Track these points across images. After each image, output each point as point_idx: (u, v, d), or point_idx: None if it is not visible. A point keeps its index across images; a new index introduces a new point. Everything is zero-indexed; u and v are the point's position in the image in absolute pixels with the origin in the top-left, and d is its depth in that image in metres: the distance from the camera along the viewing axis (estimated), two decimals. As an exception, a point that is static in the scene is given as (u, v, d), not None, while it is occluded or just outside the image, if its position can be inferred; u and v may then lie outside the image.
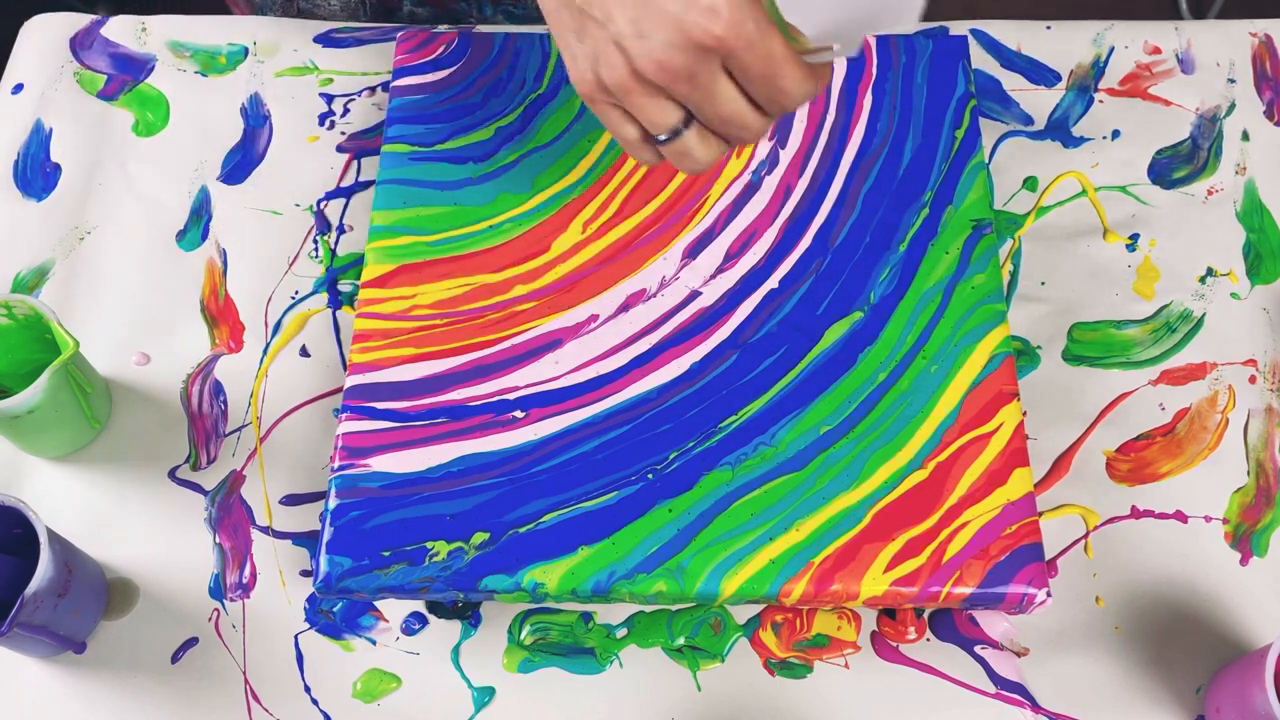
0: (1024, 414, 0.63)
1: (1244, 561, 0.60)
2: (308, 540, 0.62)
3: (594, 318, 0.61)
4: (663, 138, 0.49)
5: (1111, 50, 0.76)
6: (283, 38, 0.77)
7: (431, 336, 0.61)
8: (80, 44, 0.78)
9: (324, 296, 0.69)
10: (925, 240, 0.63)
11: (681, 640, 0.59)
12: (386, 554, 0.55)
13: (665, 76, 0.46)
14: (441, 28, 0.73)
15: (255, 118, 0.75)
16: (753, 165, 0.66)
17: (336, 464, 0.58)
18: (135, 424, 0.65)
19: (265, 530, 0.62)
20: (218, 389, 0.66)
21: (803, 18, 0.47)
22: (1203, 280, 0.68)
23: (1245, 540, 0.61)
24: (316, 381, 0.66)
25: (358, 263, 0.69)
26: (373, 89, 0.75)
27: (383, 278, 0.63)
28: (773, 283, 0.62)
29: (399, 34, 0.71)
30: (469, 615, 0.60)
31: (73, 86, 0.76)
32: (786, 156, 0.66)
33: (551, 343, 0.61)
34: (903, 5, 0.46)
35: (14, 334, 0.63)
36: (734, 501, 0.56)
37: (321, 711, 0.58)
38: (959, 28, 0.75)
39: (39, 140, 0.74)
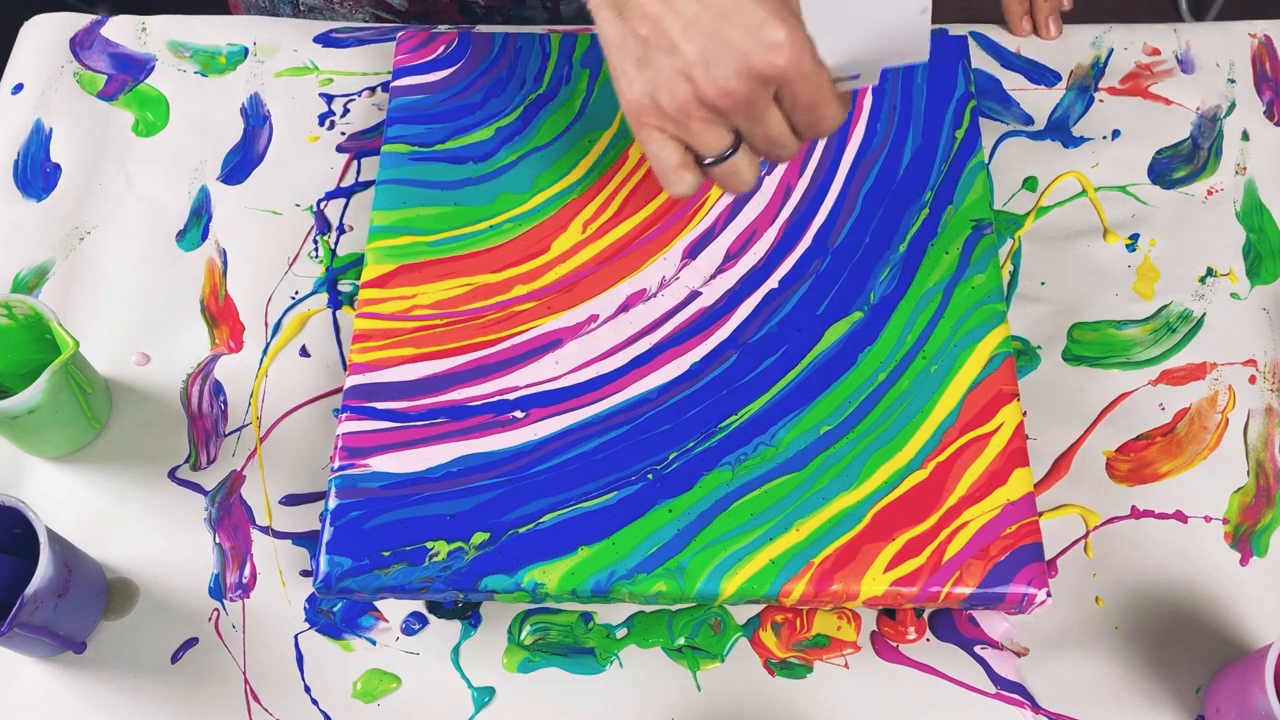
0: (1024, 414, 0.63)
1: (1244, 561, 0.60)
2: (308, 540, 0.62)
3: (594, 318, 0.61)
4: (710, 160, 0.53)
5: (1111, 52, 0.76)
6: (282, 38, 0.78)
7: (431, 336, 0.61)
8: (80, 44, 0.78)
9: (324, 296, 0.69)
10: (925, 240, 0.63)
11: (681, 640, 0.59)
12: (386, 554, 0.55)
13: (728, 103, 0.50)
14: (441, 28, 0.73)
15: (255, 118, 0.75)
16: (753, 165, 0.66)
17: (336, 464, 0.58)
18: (135, 424, 0.65)
19: (265, 530, 0.62)
20: (218, 389, 0.66)
21: (824, 50, 0.51)
22: (1203, 280, 0.68)
23: (1245, 540, 0.61)
24: (316, 381, 0.66)
25: (358, 263, 0.69)
26: (373, 89, 0.75)
27: (383, 278, 0.63)
28: (773, 283, 0.62)
29: (399, 34, 0.71)
30: (469, 615, 0.60)
31: (73, 86, 0.76)
32: (786, 156, 0.66)
33: (551, 343, 0.61)
34: (913, 42, 0.52)
35: (14, 334, 0.63)
36: (734, 501, 0.56)
37: (321, 711, 0.58)
38: (959, 29, 0.75)
39: (39, 140, 0.74)
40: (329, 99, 0.75)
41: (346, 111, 0.75)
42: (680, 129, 0.52)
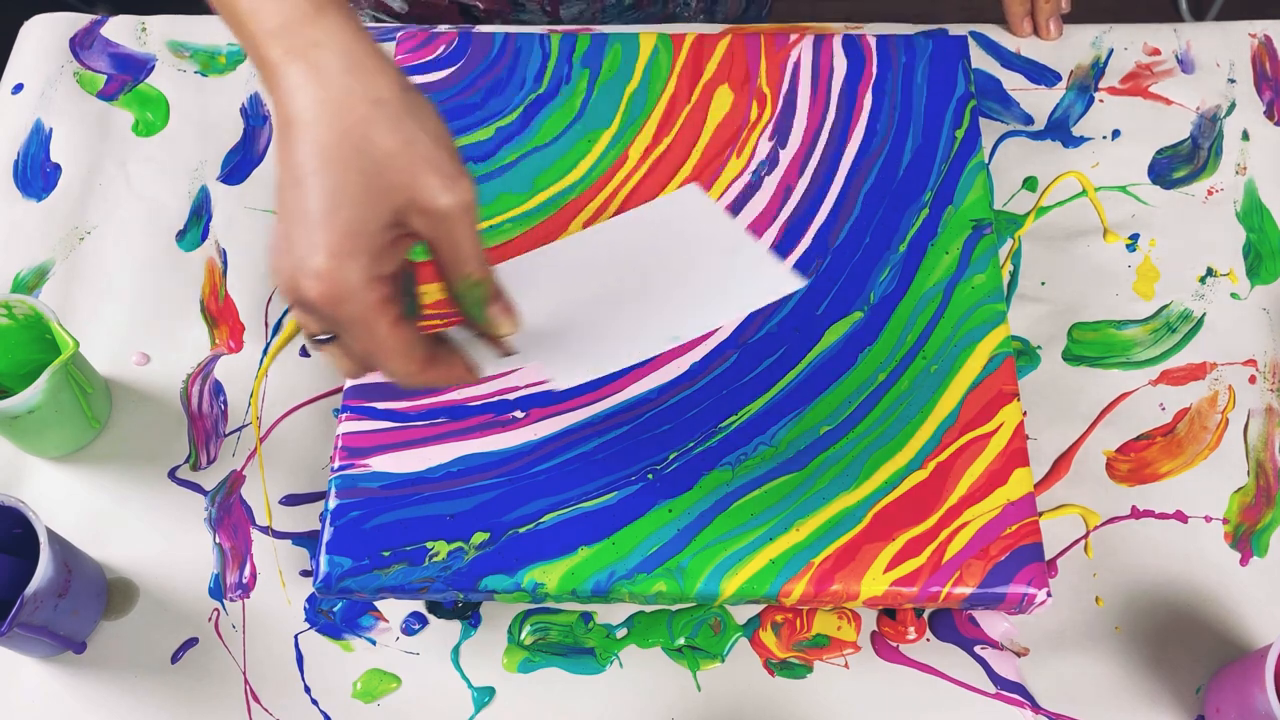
0: (1024, 414, 0.63)
1: (1244, 561, 0.60)
2: (308, 540, 0.62)
3: (594, 318, 0.61)
4: (318, 337, 0.48)
5: (1111, 51, 0.76)
6: (283, 38, 0.77)
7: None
8: (80, 44, 0.78)
9: (324, 296, 0.69)
10: (925, 240, 0.63)
11: (681, 640, 0.59)
12: (386, 554, 0.55)
13: (289, 299, 0.44)
14: (442, 28, 0.73)
15: (255, 118, 0.75)
16: (752, 165, 0.66)
17: (336, 464, 0.58)
18: (135, 424, 0.65)
19: (265, 530, 0.62)
20: (218, 389, 0.66)
21: (530, 309, 0.48)
22: (1203, 280, 0.68)
23: (1245, 540, 0.61)
24: (316, 381, 0.66)
25: (358, 263, 0.69)
26: (373, 89, 0.75)
27: (383, 278, 0.62)
28: (773, 283, 0.62)
29: (399, 34, 0.71)
30: (469, 615, 0.60)
31: (73, 86, 0.76)
32: (786, 156, 0.66)
33: (551, 343, 0.61)
34: (775, 281, 0.51)
35: (14, 334, 0.63)
36: (734, 501, 0.56)
37: (321, 711, 0.58)
38: (959, 29, 0.75)
39: (39, 140, 0.74)
40: (329, 99, 0.75)
41: (346, 111, 0.74)
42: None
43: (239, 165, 0.73)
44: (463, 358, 0.49)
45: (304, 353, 0.67)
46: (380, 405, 0.59)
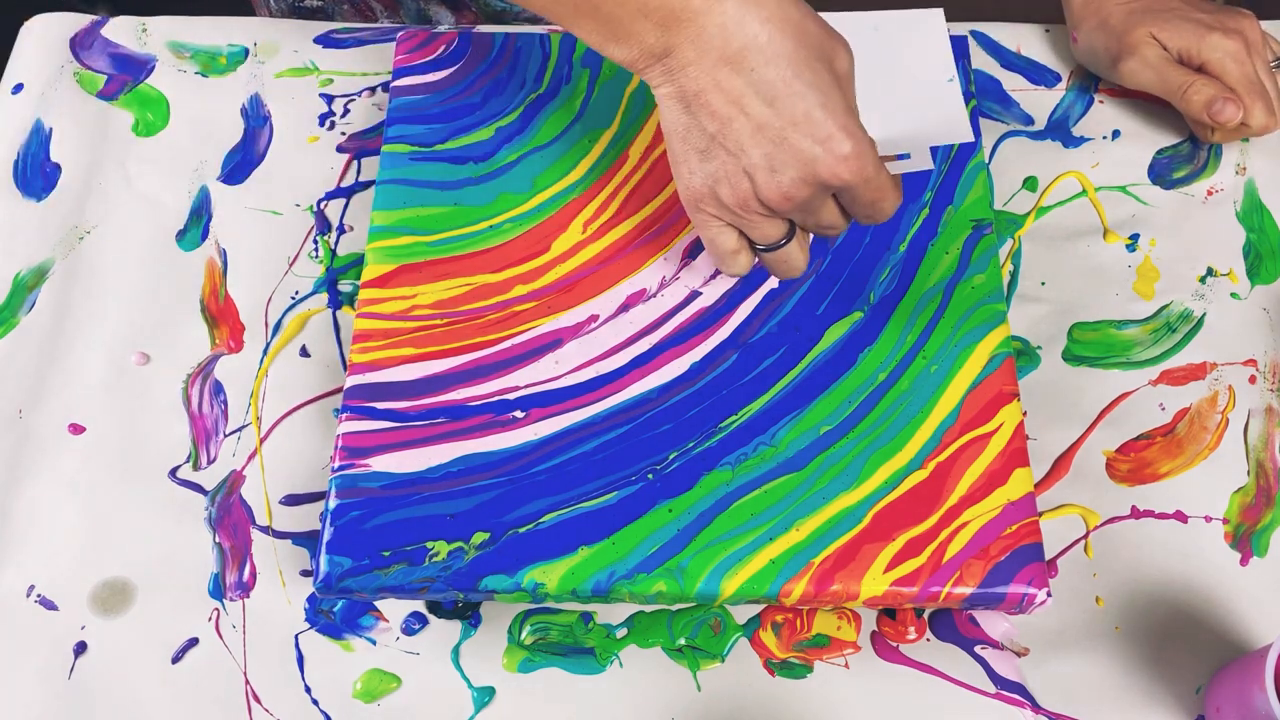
0: (1024, 414, 0.63)
1: (1244, 561, 0.61)
2: (308, 540, 0.62)
3: (594, 318, 0.61)
4: (764, 248, 0.55)
5: (1111, 50, 0.76)
6: (283, 38, 0.78)
7: (431, 336, 0.61)
8: (80, 44, 0.78)
9: (324, 296, 0.69)
10: (925, 240, 0.63)
11: (681, 640, 0.59)
12: (386, 554, 0.55)
13: (788, 205, 0.52)
14: (442, 28, 0.73)
15: (256, 118, 0.75)
16: (753, 165, 0.66)
17: (336, 464, 0.58)
18: (136, 424, 0.65)
19: (265, 530, 0.62)
20: (218, 389, 0.66)
21: (869, 126, 0.52)
22: (1203, 280, 0.68)
23: (1245, 540, 0.61)
24: (316, 381, 0.66)
25: (358, 263, 0.69)
26: (373, 89, 0.75)
27: (383, 278, 0.63)
28: (773, 283, 0.62)
29: (399, 34, 0.71)
30: (469, 615, 0.60)
31: (73, 86, 0.76)
32: (786, 156, 0.66)
33: (552, 343, 0.61)
34: (951, 118, 0.56)
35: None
36: (734, 501, 0.56)
37: (321, 711, 0.58)
38: (959, 29, 0.75)
39: (39, 140, 0.74)
40: (329, 99, 0.75)
41: (347, 112, 0.75)
42: (737, 220, 0.54)
43: (239, 165, 0.73)
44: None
45: (304, 353, 0.67)
46: (380, 405, 0.59)
